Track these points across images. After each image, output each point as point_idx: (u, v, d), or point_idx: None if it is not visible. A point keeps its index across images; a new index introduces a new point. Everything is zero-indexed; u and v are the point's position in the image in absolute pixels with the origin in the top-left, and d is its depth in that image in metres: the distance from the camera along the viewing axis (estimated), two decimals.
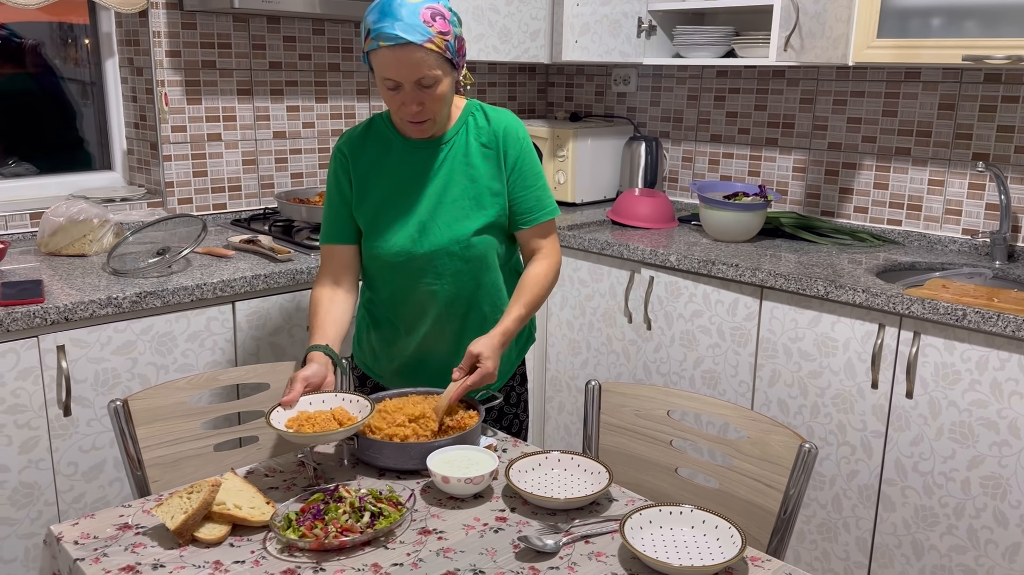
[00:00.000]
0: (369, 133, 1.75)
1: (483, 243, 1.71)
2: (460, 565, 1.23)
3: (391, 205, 1.70)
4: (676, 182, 3.27)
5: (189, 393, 1.70)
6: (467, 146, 1.71)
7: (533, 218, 1.74)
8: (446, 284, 1.72)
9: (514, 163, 1.71)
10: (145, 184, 2.77)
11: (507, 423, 1.90)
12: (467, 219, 1.69)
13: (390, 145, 1.73)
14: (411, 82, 1.55)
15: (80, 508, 2.04)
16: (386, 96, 1.60)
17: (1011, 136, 2.47)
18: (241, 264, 2.28)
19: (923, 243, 2.66)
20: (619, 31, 2.92)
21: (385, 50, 1.52)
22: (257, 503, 1.33)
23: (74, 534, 1.29)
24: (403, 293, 1.74)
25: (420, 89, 1.57)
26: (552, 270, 1.76)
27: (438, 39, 1.54)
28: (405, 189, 1.70)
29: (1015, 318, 1.90)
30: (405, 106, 1.59)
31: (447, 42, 1.56)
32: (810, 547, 2.35)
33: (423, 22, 1.52)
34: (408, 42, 1.51)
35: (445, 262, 1.70)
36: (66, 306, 1.92)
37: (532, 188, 1.73)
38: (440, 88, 1.58)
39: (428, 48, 1.53)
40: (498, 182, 1.71)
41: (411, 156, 1.71)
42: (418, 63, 1.53)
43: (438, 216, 1.69)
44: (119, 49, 2.74)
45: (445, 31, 1.55)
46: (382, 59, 1.54)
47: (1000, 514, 2.00)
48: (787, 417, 2.34)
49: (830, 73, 2.80)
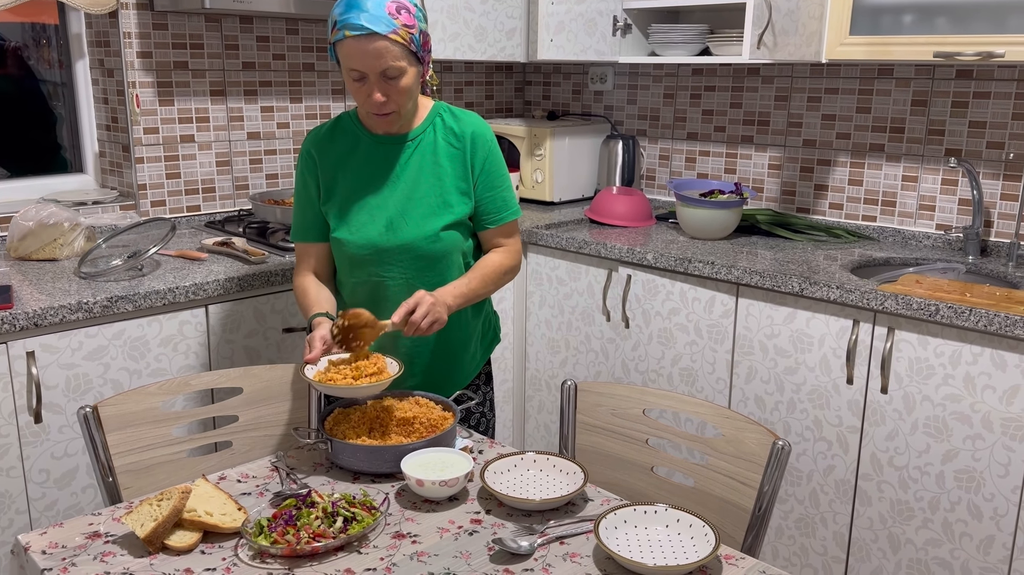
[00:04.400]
0: (336, 130, 1.78)
1: (449, 240, 1.74)
2: (434, 569, 1.22)
3: (358, 200, 1.74)
4: (653, 180, 3.28)
5: (161, 398, 1.68)
6: (435, 145, 1.75)
7: (498, 218, 1.80)
8: (411, 280, 1.75)
9: (482, 165, 1.76)
10: (117, 187, 2.74)
11: (475, 422, 1.93)
12: (434, 216, 1.73)
13: (357, 141, 1.76)
14: (376, 72, 1.59)
15: (52, 516, 2.01)
16: (352, 88, 1.64)
17: (983, 132, 2.49)
18: (214, 267, 2.26)
19: (897, 239, 2.68)
20: (594, 30, 2.92)
21: (351, 40, 1.57)
22: (228, 510, 1.31)
23: (42, 543, 1.27)
24: (367, 288, 1.77)
25: (385, 80, 1.61)
26: (509, 262, 1.82)
27: (403, 31, 1.58)
28: (372, 184, 1.74)
29: (988, 313, 1.91)
30: (370, 97, 1.62)
31: (412, 35, 1.60)
32: (788, 542, 2.36)
33: (388, 14, 1.57)
34: (373, 32, 1.56)
35: (411, 258, 1.73)
36: (36, 311, 1.89)
37: (498, 189, 1.79)
38: (405, 80, 1.62)
39: (393, 39, 1.57)
40: (464, 182, 1.75)
41: (378, 152, 1.75)
42: (383, 53, 1.57)
43: (406, 212, 1.72)
44: (90, 50, 2.71)
45: (410, 24, 1.60)
46: (348, 49, 1.58)
47: (974, 507, 2.02)
48: (764, 413, 2.35)
49: (804, 70, 2.81)
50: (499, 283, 1.81)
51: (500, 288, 1.84)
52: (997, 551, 2.00)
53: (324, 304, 1.72)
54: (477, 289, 1.75)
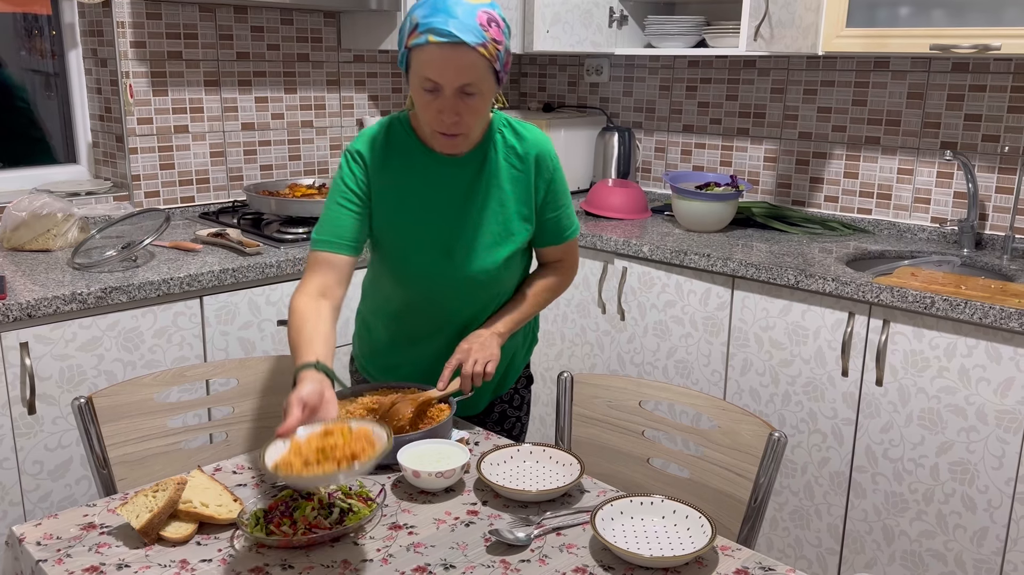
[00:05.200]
0: (390, 140, 1.59)
1: (509, 271, 1.65)
2: (430, 560, 1.22)
3: (415, 225, 1.58)
4: (649, 172, 3.27)
5: (156, 389, 1.68)
6: (497, 166, 1.59)
7: (559, 238, 1.68)
8: (465, 308, 1.64)
9: (546, 187, 1.63)
10: (111, 177, 2.73)
11: (509, 426, 1.83)
12: (496, 247, 1.60)
13: (412, 157, 1.58)
14: (454, 87, 1.43)
15: (47, 507, 2.01)
16: (421, 100, 1.46)
17: (978, 125, 2.49)
18: (209, 258, 2.25)
19: (892, 231, 2.68)
20: (590, 21, 2.91)
21: (434, 47, 1.40)
22: (224, 501, 1.31)
23: (37, 535, 1.27)
24: (416, 312, 1.65)
25: (461, 97, 1.44)
26: (564, 280, 1.73)
27: (491, 46, 1.42)
28: (430, 209, 1.58)
29: (982, 305, 1.91)
30: (442, 114, 1.46)
31: (498, 51, 1.44)
32: (783, 534, 2.37)
33: (479, 24, 1.40)
34: (461, 41, 1.39)
35: (469, 289, 1.62)
36: (29, 302, 1.88)
37: (562, 208, 1.66)
38: (481, 100, 1.46)
39: (480, 52, 1.41)
40: (527, 206, 1.62)
41: (437, 172, 1.58)
42: (467, 67, 1.41)
43: (465, 243, 1.59)
44: (83, 40, 2.69)
45: (499, 40, 1.44)
46: (428, 56, 1.41)
47: (968, 499, 2.03)
48: (759, 406, 2.36)
49: (800, 63, 2.81)
50: (550, 300, 1.72)
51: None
52: (991, 543, 2.01)
53: (319, 346, 1.39)
54: (528, 313, 1.67)
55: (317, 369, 1.32)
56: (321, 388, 1.28)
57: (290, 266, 2.28)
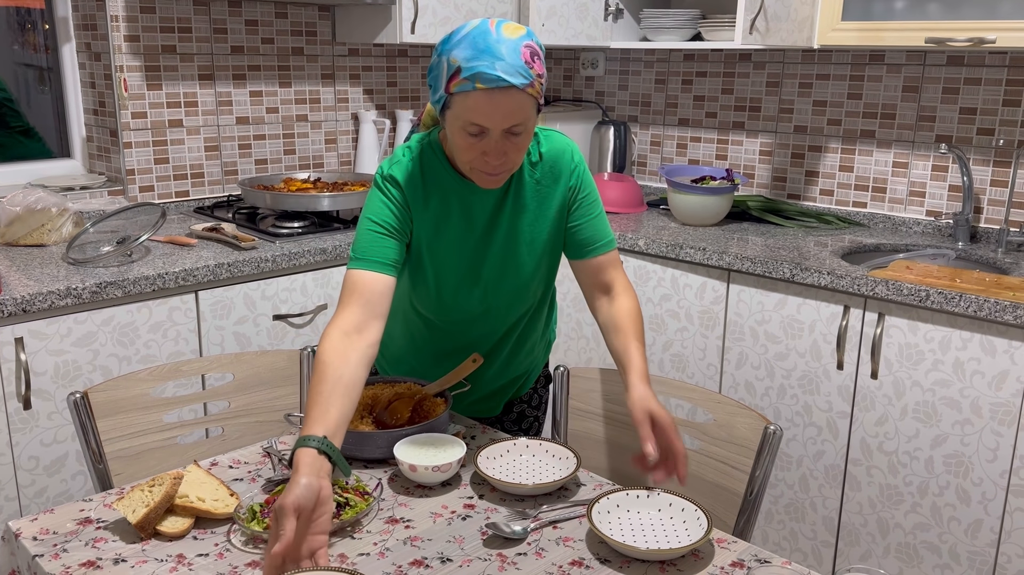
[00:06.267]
0: (425, 170, 1.51)
1: (538, 293, 1.62)
2: (427, 553, 1.22)
3: (448, 253, 1.53)
4: (645, 166, 3.27)
5: (151, 384, 1.68)
6: (521, 184, 1.53)
7: (591, 250, 1.58)
8: (491, 329, 1.63)
9: (573, 195, 1.55)
10: (105, 172, 2.72)
11: (527, 426, 1.82)
12: (527, 271, 1.57)
13: (447, 185, 1.51)
14: (501, 130, 1.35)
15: (42, 503, 2.00)
16: (464, 143, 1.38)
17: (973, 118, 2.49)
18: (204, 252, 2.24)
19: (888, 225, 2.68)
20: (586, 14, 2.90)
21: (481, 93, 1.31)
22: (220, 495, 1.31)
23: (33, 530, 1.26)
24: (440, 332, 1.63)
25: (507, 137, 1.37)
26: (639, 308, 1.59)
27: (537, 83, 1.35)
28: (461, 236, 1.53)
29: (977, 298, 1.92)
30: (487, 156, 1.38)
31: (542, 85, 1.37)
32: (778, 527, 2.38)
33: (524, 63, 1.32)
34: (511, 85, 1.31)
35: (495, 312, 1.60)
36: (24, 297, 1.88)
37: (589, 217, 1.57)
38: (526, 137, 1.39)
39: (528, 93, 1.33)
40: (556, 224, 1.56)
41: (468, 201, 1.52)
42: (516, 110, 1.33)
43: (492, 267, 1.55)
44: (76, 34, 2.68)
45: (542, 74, 1.36)
46: (475, 102, 1.32)
47: (963, 491, 2.03)
48: (754, 399, 2.36)
49: (796, 56, 2.81)
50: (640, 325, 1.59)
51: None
52: (985, 535, 2.02)
53: (332, 409, 1.28)
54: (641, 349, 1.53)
55: (320, 450, 1.21)
56: (318, 484, 1.17)
57: (285, 260, 2.27)
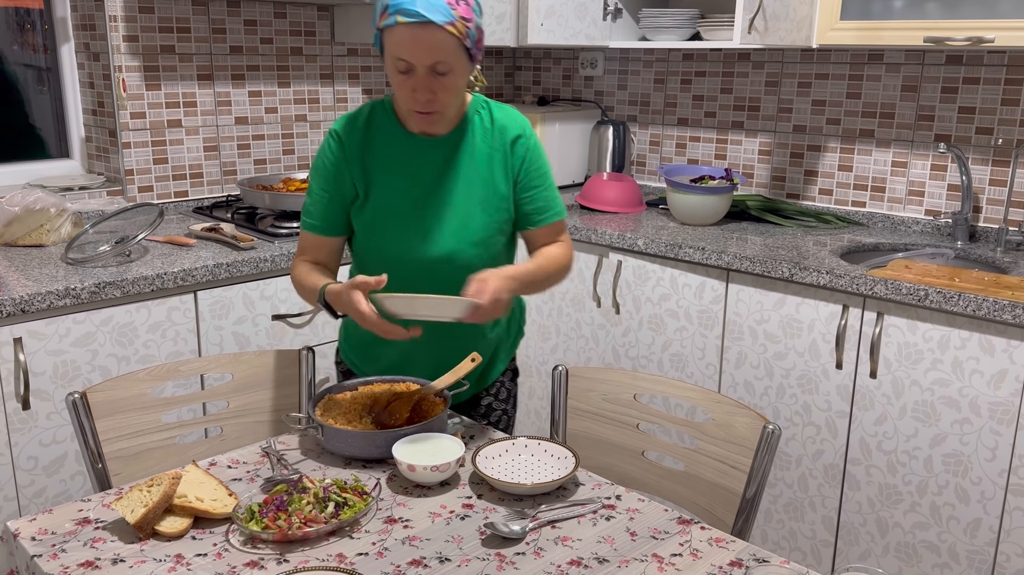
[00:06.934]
0: (371, 123, 1.64)
1: (488, 248, 1.65)
2: (426, 553, 1.22)
3: (394, 206, 1.62)
4: (644, 166, 3.27)
5: (150, 384, 1.68)
6: (473, 146, 1.63)
7: (543, 218, 1.67)
8: (447, 288, 1.62)
9: (521, 163, 1.64)
10: (104, 172, 2.72)
11: (495, 419, 1.83)
12: (474, 223, 1.62)
13: (392, 138, 1.63)
14: (426, 66, 1.47)
15: (41, 503, 2.00)
16: (396, 80, 1.51)
17: (972, 117, 2.49)
18: (203, 252, 2.24)
19: (887, 224, 2.69)
20: (585, 14, 2.90)
21: (403, 27, 1.44)
22: (219, 495, 1.31)
23: (31, 530, 1.26)
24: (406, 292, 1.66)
25: (433, 75, 1.48)
26: (566, 257, 1.69)
27: (460, 24, 1.46)
28: (409, 190, 1.62)
29: (976, 298, 1.92)
30: (416, 93, 1.50)
31: (468, 29, 1.47)
32: (777, 526, 2.38)
33: (447, 3, 1.44)
34: (429, 21, 1.43)
35: (448, 268, 1.62)
36: (23, 298, 1.88)
37: (538, 189, 1.66)
38: (454, 78, 1.50)
39: (449, 31, 1.44)
40: (504, 185, 1.64)
41: (415, 153, 1.62)
42: (436, 45, 1.45)
43: (445, 219, 1.62)
44: (75, 34, 2.68)
45: (468, 17, 1.47)
46: (398, 37, 1.45)
47: (962, 491, 2.03)
48: (753, 398, 2.36)
49: (795, 55, 2.81)
50: (558, 276, 1.68)
51: (552, 286, 1.70)
52: (984, 534, 2.02)
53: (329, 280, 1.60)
54: (536, 273, 1.61)
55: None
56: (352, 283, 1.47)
57: (284, 260, 2.27)
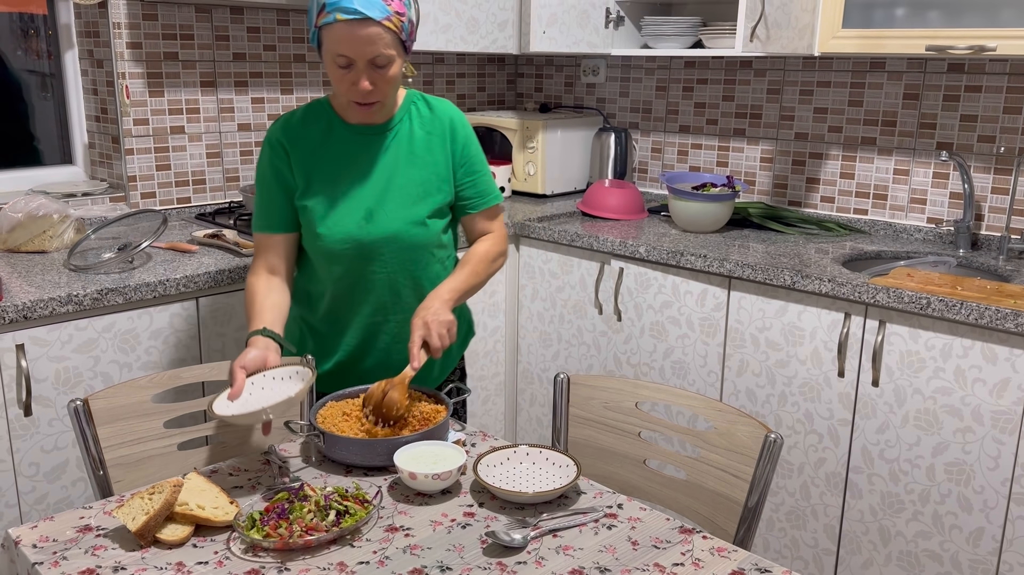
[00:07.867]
0: (308, 118, 1.73)
1: (431, 229, 1.73)
2: (427, 562, 1.22)
3: (336, 192, 1.70)
4: (646, 173, 3.27)
5: (151, 391, 1.67)
6: (411, 134, 1.73)
7: (481, 202, 1.79)
8: (392, 274, 1.72)
9: (462, 151, 1.76)
10: (107, 178, 2.72)
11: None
12: (414, 206, 1.71)
13: (332, 131, 1.72)
14: (365, 60, 1.56)
15: (43, 509, 2.00)
16: (336, 75, 1.60)
17: (974, 125, 2.49)
18: (205, 259, 2.25)
19: (889, 232, 2.68)
20: (587, 22, 2.91)
21: (342, 24, 1.53)
22: (220, 503, 1.31)
23: (32, 537, 1.26)
24: (345, 283, 1.74)
25: (373, 69, 1.57)
26: (497, 248, 1.80)
27: (395, 18, 1.56)
28: (350, 176, 1.70)
29: (978, 306, 1.92)
30: (356, 85, 1.58)
31: (403, 23, 1.57)
32: (779, 535, 2.37)
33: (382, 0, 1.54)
34: (367, 17, 1.52)
35: (393, 250, 1.70)
36: (25, 304, 1.88)
37: (478, 175, 1.78)
38: (392, 69, 1.60)
39: (386, 26, 1.54)
40: (444, 169, 1.74)
41: (355, 143, 1.71)
42: (375, 40, 1.54)
43: (385, 202, 1.69)
44: (79, 41, 2.68)
45: (401, 12, 1.57)
46: (337, 34, 1.54)
47: (964, 499, 2.03)
48: (755, 406, 2.36)
49: (796, 63, 2.81)
50: (490, 271, 1.79)
51: (492, 276, 1.82)
52: (987, 543, 2.01)
53: (267, 315, 1.62)
54: (470, 281, 1.72)
55: (264, 335, 1.56)
56: (264, 354, 1.51)
57: None
